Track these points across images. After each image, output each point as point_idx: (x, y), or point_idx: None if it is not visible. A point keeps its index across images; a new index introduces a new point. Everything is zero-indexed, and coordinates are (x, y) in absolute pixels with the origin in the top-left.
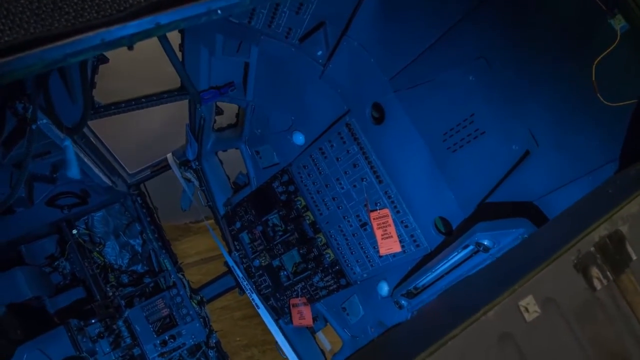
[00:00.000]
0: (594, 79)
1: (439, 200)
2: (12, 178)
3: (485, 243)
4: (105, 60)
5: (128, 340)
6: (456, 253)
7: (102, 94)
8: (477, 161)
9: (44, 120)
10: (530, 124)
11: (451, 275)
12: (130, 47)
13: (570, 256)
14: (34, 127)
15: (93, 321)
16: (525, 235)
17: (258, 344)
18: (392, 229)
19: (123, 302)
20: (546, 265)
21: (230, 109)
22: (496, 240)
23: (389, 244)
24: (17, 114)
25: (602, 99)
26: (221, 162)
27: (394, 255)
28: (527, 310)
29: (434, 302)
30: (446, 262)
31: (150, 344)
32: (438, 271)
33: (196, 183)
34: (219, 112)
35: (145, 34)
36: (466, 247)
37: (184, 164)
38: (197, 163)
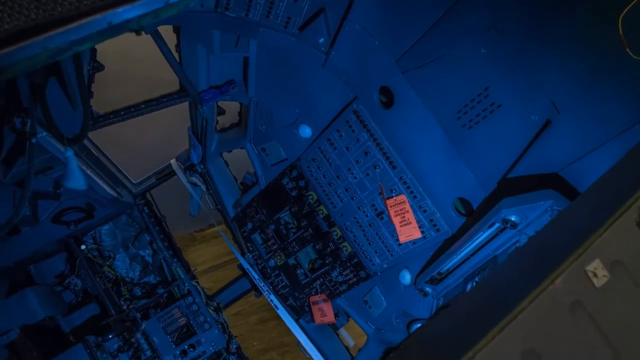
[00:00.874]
0: (621, 33)
1: (457, 180)
2: (15, 197)
3: (513, 219)
4: (100, 68)
5: (148, 353)
6: (481, 233)
7: (99, 104)
8: (495, 136)
9: (44, 134)
10: (549, 92)
11: (477, 256)
12: (139, 32)
13: (631, 214)
14: (33, 140)
15: (110, 336)
16: (555, 207)
17: (276, 347)
18: (410, 215)
19: (139, 315)
20: (608, 226)
21: (232, 108)
22: (523, 215)
23: (408, 231)
24: (16, 129)
25: (631, 54)
26: (227, 163)
27: (414, 242)
28: (595, 275)
29: (485, 279)
30: (471, 244)
31: (170, 355)
32: (463, 254)
33: (203, 187)
34: (221, 112)
35: (154, 15)
36: (492, 225)
37: (189, 168)
38: (202, 166)
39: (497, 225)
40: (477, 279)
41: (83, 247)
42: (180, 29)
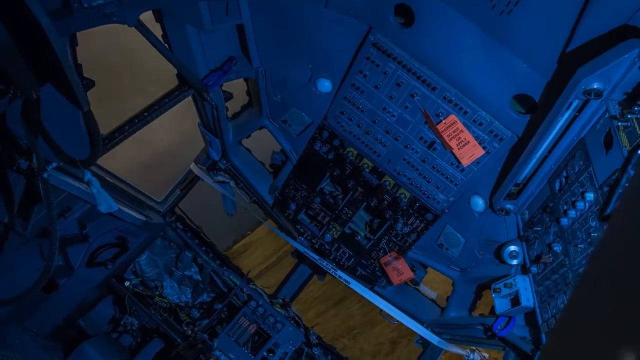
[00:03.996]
0: None
1: (509, 77)
2: (42, 249)
3: (595, 87)
4: (90, 84)
5: None
6: (559, 118)
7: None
8: (541, 9)
9: (54, 164)
10: None
11: (559, 147)
12: None
13: None
14: (45, 175)
15: None
16: None
17: (344, 333)
18: (466, 134)
19: (206, 336)
20: None
21: (238, 90)
22: (606, 78)
23: (469, 151)
24: (22, 170)
25: None
26: (249, 150)
27: (478, 161)
28: None
29: None
30: (548, 136)
31: None
32: (540, 151)
33: (232, 183)
34: (228, 96)
35: None
36: (570, 105)
37: (212, 167)
38: (224, 161)
39: (576, 103)
40: (565, 173)
41: (127, 283)
42: (162, 13)
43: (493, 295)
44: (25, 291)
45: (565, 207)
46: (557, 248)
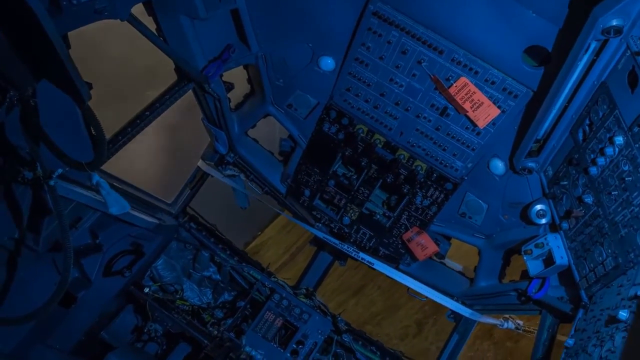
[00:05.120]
0: None
1: (518, 29)
2: (57, 263)
3: (615, 23)
4: (89, 87)
5: None
6: (578, 63)
7: None
8: None
9: (59, 170)
10: None
11: (580, 94)
12: None
13: None
14: (52, 183)
15: None
16: None
17: (368, 320)
18: (479, 95)
19: (232, 335)
20: None
21: (238, 80)
22: (625, 14)
23: (484, 112)
24: (28, 180)
25: None
26: (256, 140)
27: (493, 122)
28: None
29: None
30: (567, 84)
31: None
32: (560, 102)
33: (242, 176)
34: (229, 87)
35: None
36: (588, 48)
37: (220, 162)
38: (232, 155)
39: (594, 45)
40: (587, 121)
41: (146, 289)
42: (154, 6)
43: (524, 258)
44: (42, 306)
45: (592, 156)
46: (589, 199)
